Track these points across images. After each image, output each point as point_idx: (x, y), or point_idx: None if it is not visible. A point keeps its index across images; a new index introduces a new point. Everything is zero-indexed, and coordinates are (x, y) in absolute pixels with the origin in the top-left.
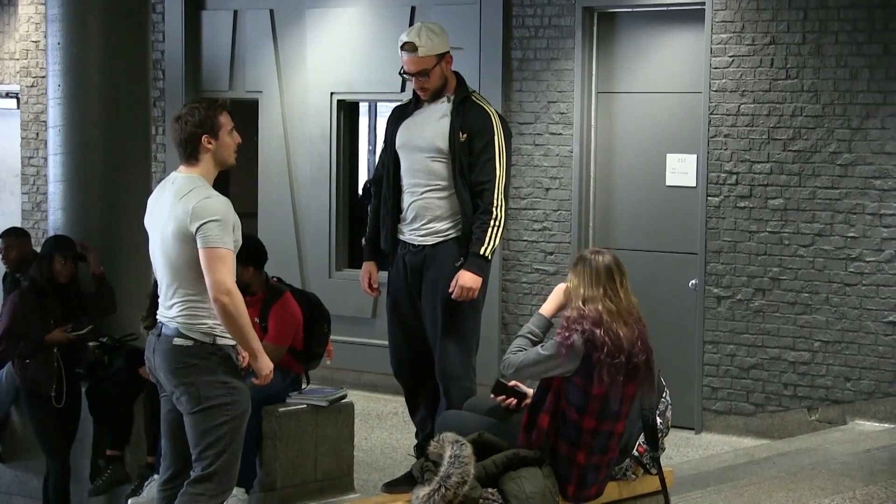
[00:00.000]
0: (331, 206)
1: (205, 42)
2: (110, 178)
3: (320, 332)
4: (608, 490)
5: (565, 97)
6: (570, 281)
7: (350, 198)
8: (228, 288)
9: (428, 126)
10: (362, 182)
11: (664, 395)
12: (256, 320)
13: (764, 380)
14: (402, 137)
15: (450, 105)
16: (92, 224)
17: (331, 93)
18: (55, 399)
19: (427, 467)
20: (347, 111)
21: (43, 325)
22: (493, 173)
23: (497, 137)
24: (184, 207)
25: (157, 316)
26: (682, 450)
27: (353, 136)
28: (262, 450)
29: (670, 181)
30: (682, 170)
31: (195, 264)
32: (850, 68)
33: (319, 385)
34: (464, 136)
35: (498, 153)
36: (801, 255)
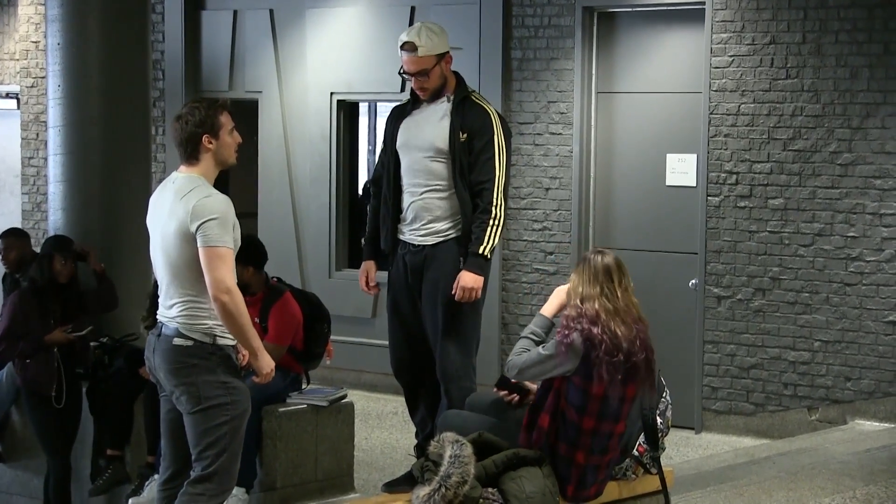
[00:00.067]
0: (331, 206)
1: (204, 42)
2: (110, 178)
3: (320, 332)
4: (608, 489)
5: (565, 97)
6: (572, 280)
7: (350, 198)
8: (228, 287)
9: (428, 126)
10: (362, 182)
11: (664, 395)
12: (256, 320)
13: (764, 379)
14: (402, 137)
15: (450, 105)
16: (92, 224)
17: (331, 93)
18: (55, 399)
19: (427, 467)
20: (347, 111)
21: (43, 326)
22: (493, 173)
23: (497, 137)
24: (184, 207)
25: (157, 316)
26: (682, 449)
27: (353, 136)
28: (263, 450)
29: (670, 181)
30: (682, 169)
31: (195, 264)
32: (851, 68)
33: (319, 385)
34: (464, 136)
35: (498, 152)
36: (802, 255)
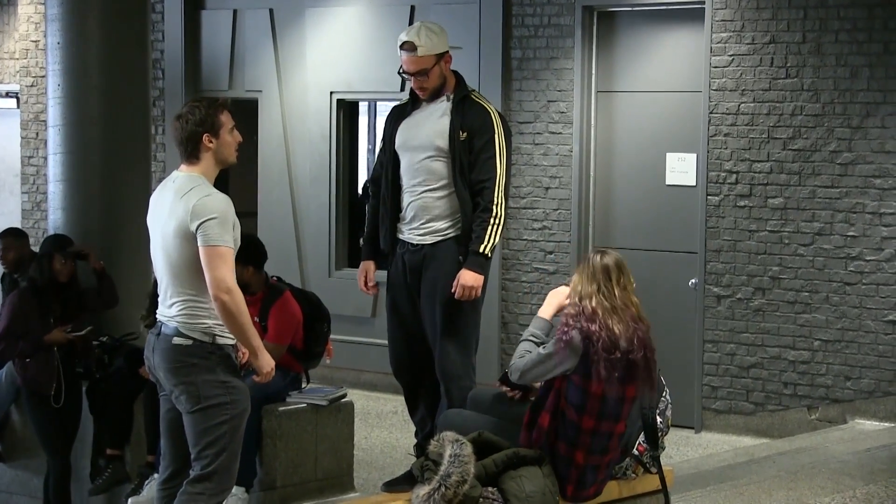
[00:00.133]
0: (330, 206)
1: (204, 42)
2: (110, 178)
3: (320, 332)
4: (608, 489)
5: (565, 96)
6: (574, 280)
7: (350, 197)
8: (229, 286)
9: (428, 125)
10: (362, 181)
11: (664, 394)
12: (256, 319)
13: (764, 379)
14: (402, 137)
15: (449, 104)
16: (92, 224)
17: (330, 92)
18: (54, 399)
19: (427, 466)
20: (347, 110)
21: (42, 325)
22: (494, 171)
23: (497, 136)
24: (184, 206)
25: (157, 315)
26: (682, 449)
27: (353, 136)
28: (262, 449)
29: (670, 180)
30: (682, 169)
31: (195, 263)
32: (850, 67)
33: (319, 384)
34: (464, 135)
35: (498, 151)
36: (801, 255)
